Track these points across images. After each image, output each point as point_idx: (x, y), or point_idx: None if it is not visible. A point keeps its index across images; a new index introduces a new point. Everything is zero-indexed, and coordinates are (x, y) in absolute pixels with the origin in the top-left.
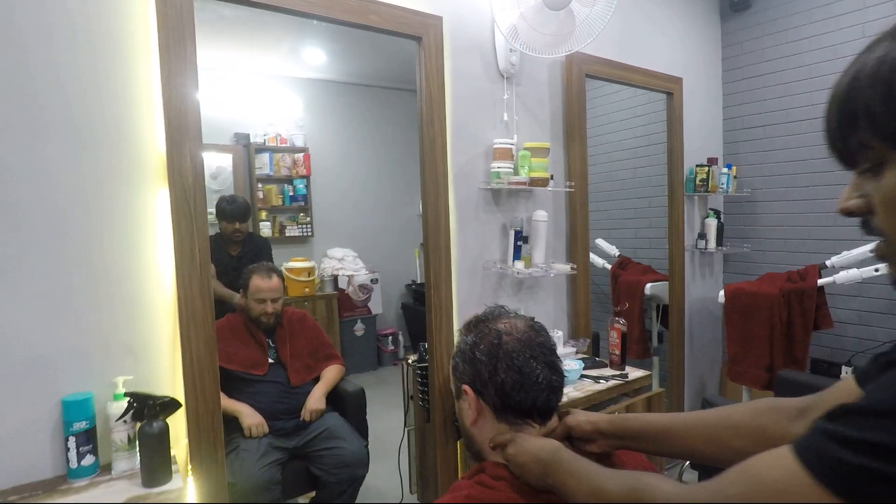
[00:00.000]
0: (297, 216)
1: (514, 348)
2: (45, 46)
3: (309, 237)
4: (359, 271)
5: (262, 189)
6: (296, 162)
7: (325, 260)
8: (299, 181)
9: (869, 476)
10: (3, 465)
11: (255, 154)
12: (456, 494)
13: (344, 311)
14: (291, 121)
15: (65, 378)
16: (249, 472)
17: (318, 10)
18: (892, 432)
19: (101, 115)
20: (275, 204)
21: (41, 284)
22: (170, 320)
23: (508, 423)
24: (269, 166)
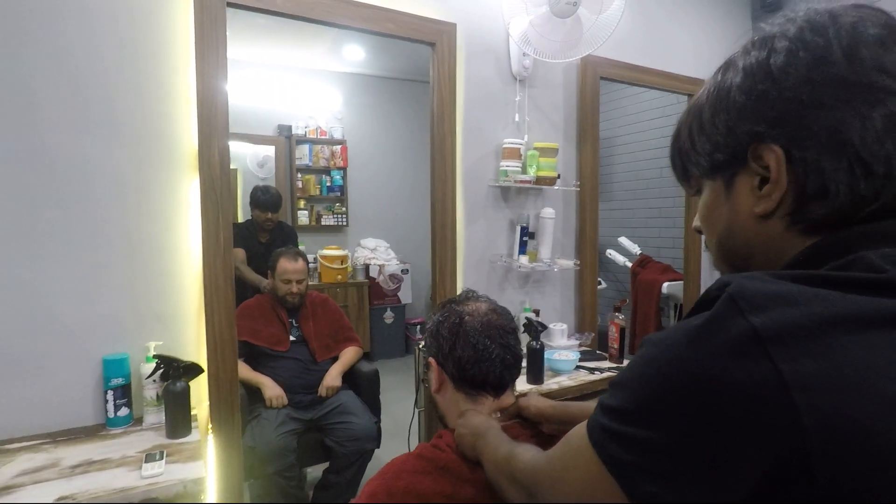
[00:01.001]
0: (334, 206)
1: (472, 328)
2: (92, 52)
3: (344, 227)
4: (390, 261)
5: (301, 179)
6: (334, 154)
7: (358, 249)
8: (336, 172)
9: (607, 433)
10: (54, 411)
11: (296, 145)
12: (413, 452)
13: (374, 299)
14: (331, 114)
15: (105, 340)
16: (267, 439)
17: (338, 19)
18: (617, 397)
19: (142, 111)
20: (312, 194)
21: (87, 260)
22: (196, 294)
23: (465, 393)
24: (309, 157)
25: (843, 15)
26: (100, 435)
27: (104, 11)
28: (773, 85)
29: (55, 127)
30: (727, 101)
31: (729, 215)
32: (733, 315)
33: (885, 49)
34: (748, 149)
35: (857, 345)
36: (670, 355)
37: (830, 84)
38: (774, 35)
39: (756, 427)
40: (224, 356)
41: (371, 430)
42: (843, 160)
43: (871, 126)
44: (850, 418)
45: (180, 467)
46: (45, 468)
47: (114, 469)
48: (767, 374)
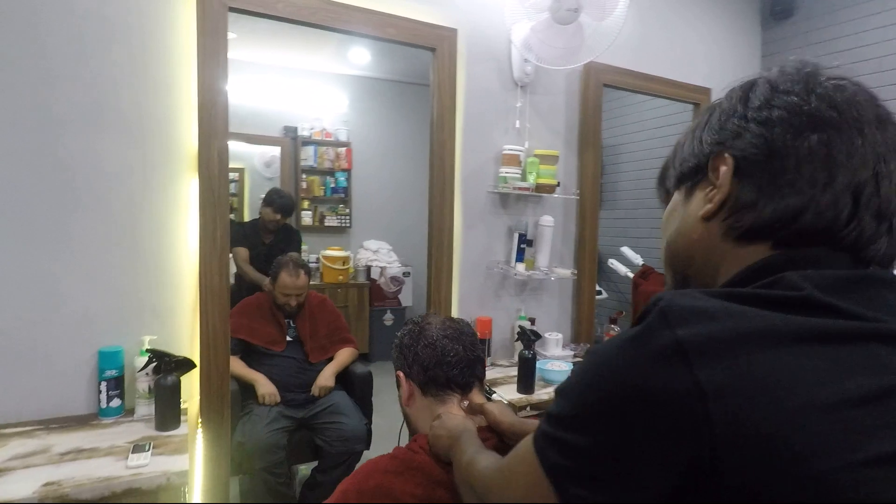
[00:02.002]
0: (337, 207)
1: (431, 332)
2: (104, 57)
3: (347, 228)
4: (392, 264)
5: (305, 180)
6: (338, 155)
7: (360, 251)
8: (341, 174)
9: (548, 439)
10: (48, 399)
11: (302, 146)
12: (388, 454)
13: (375, 301)
14: (336, 116)
15: (102, 332)
16: (258, 435)
17: (339, 24)
18: (558, 405)
19: (147, 113)
20: (317, 194)
21: (88, 254)
22: (192, 291)
23: (433, 397)
24: (314, 158)
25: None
26: (91, 424)
27: (117, 17)
28: (741, 106)
29: (63, 128)
30: (707, 124)
31: (681, 219)
32: (662, 327)
33: (838, 90)
34: (706, 159)
35: (767, 358)
36: (604, 364)
37: (783, 108)
38: (756, 82)
39: (674, 431)
40: (216, 353)
41: (361, 432)
42: (775, 179)
43: (804, 147)
44: (756, 426)
45: (166, 459)
46: (35, 454)
47: (101, 458)
48: (686, 382)
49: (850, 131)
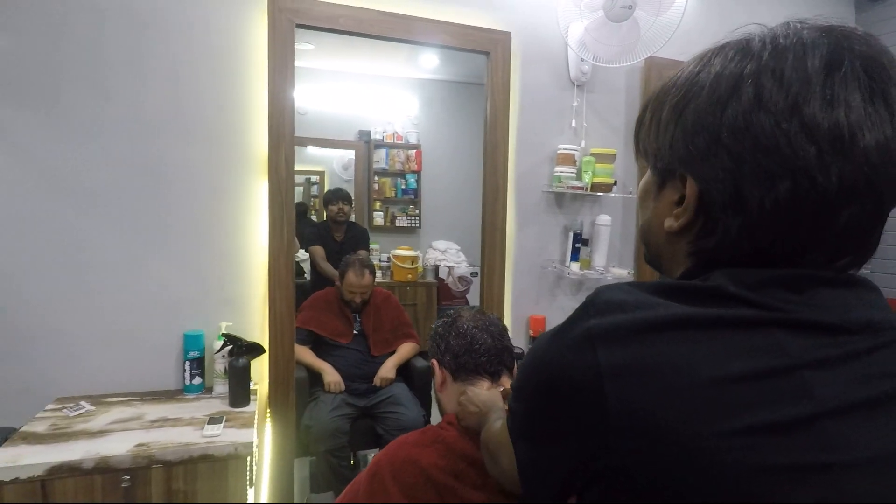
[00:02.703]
0: (407, 208)
1: (462, 323)
2: (190, 72)
3: (416, 228)
4: (460, 264)
5: (377, 181)
6: (409, 157)
7: (429, 250)
8: (411, 175)
9: (509, 408)
10: (142, 374)
11: (374, 150)
12: (419, 430)
13: (443, 300)
14: (407, 119)
15: (187, 317)
16: (323, 420)
17: (395, 34)
18: (515, 379)
19: (223, 122)
20: (388, 196)
21: (175, 250)
22: (262, 284)
23: (462, 381)
24: (385, 161)
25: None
26: (177, 398)
27: (194, 35)
28: (719, 116)
29: (157, 139)
30: (682, 115)
31: (653, 212)
32: (582, 318)
33: (831, 114)
34: (675, 171)
35: (662, 342)
36: (537, 350)
37: (757, 136)
38: (752, 52)
39: (577, 404)
40: (283, 340)
41: (418, 422)
42: (736, 218)
43: (772, 198)
44: (642, 401)
45: (236, 432)
46: (131, 420)
47: (183, 427)
48: (590, 364)
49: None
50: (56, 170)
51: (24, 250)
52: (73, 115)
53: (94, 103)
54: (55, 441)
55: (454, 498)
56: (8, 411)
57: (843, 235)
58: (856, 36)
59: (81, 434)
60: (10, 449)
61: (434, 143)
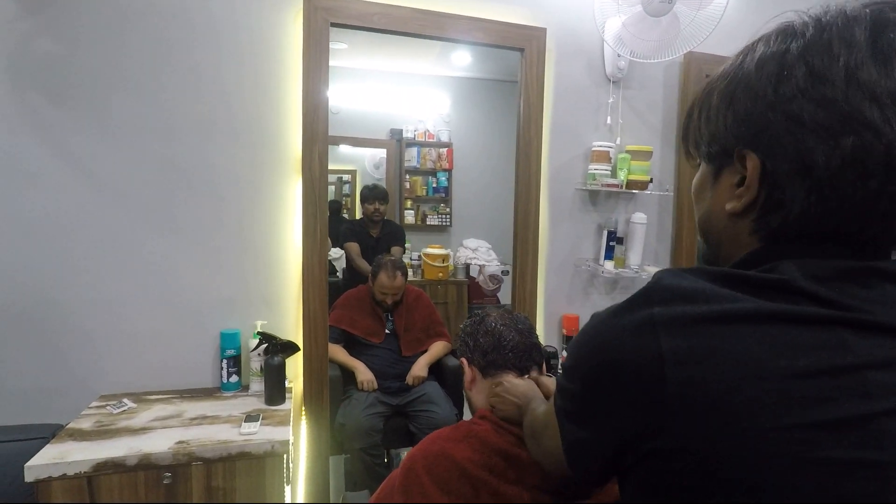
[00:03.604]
0: (438, 206)
1: (490, 322)
2: (218, 71)
3: (447, 226)
4: (491, 262)
5: (408, 180)
6: (440, 156)
7: (460, 249)
8: (442, 174)
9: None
10: (182, 373)
11: (406, 148)
12: (451, 425)
13: (474, 298)
14: (439, 117)
15: (222, 317)
16: (356, 418)
17: (429, 31)
18: (567, 358)
19: (257, 120)
20: (419, 194)
21: (209, 248)
22: (296, 282)
23: (492, 378)
24: (417, 159)
25: (867, 21)
26: (215, 396)
27: (229, 36)
28: (773, 92)
29: (188, 137)
30: (733, 99)
31: (711, 202)
32: (643, 304)
33: (889, 69)
34: (735, 150)
35: (726, 334)
36: (594, 330)
37: (818, 104)
38: (794, 36)
39: (635, 387)
40: (316, 338)
41: (451, 420)
42: (804, 182)
43: (837, 155)
44: (704, 388)
45: (272, 430)
46: (171, 417)
47: (221, 424)
48: (651, 351)
49: (881, 125)
50: (96, 171)
51: (69, 250)
52: (113, 117)
53: (132, 104)
54: (100, 438)
55: (488, 492)
56: (55, 408)
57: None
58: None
59: (124, 431)
60: (57, 445)
61: (465, 141)
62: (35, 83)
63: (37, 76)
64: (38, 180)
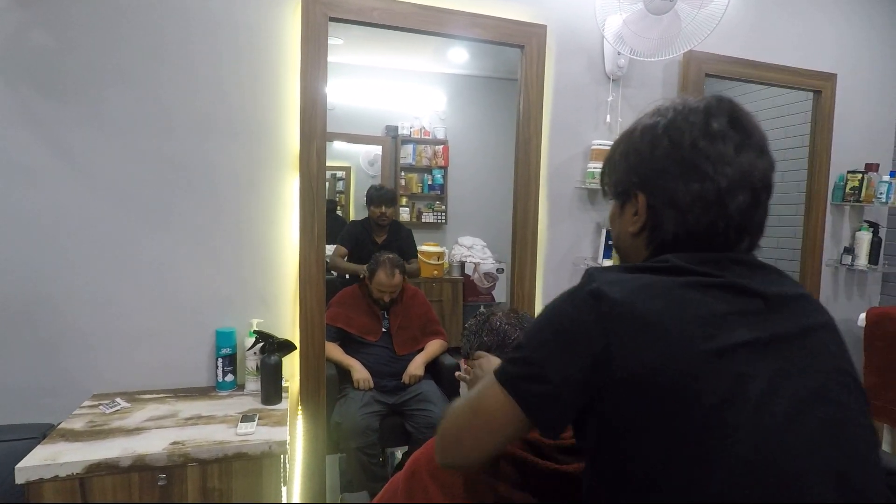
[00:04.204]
0: (434, 204)
1: (495, 321)
2: (215, 66)
3: (442, 224)
4: (486, 260)
5: (404, 177)
6: (436, 153)
7: (455, 246)
8: (438, 171)
9: (506, 364)
10: (176, 372)
11: (401, 145)
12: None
13: (468, 296)
14: (435, 114)
15: (218, 315)
16: (353, 417)
17: (429, 27)
18: (519, 347)
19: (254, 116)
20: (414, 191)
21: (205, 246)
22: (293, 280)
23: None
24: (412, 156)
25: (702, 109)
26: (210, 395)
27: (227, 30)
28: (650, 153)
29: (184, 132)
30: (627, 155)
31: (619, 226)
32: (587, 283)
33: (715, 141)
34: (631, 191)
35: (643, 293)
36: (554, 307)
37: (677, 162)
38: (662, 114)
39: (590, 338)
40: (313, 336)
41: None
42: (672, 212)
43: (689, 194)
44: (634, 322)
45: (269, 430)
46: (166, 417)
47: (217, 424)
48: (597, 310)
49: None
50: (91, 167)
51: (61, 247)
52: (108, 112)
53: (128, 99)
54: (93, 438)
55: (494, 496)
56: (45, 407)
57: (737, 218)
58: (718, 97)
59: (118, 431)
60: (49, 446)
61: (461, 138)
62: (28, 77)
63: (30, 69)
64: (32, 176)
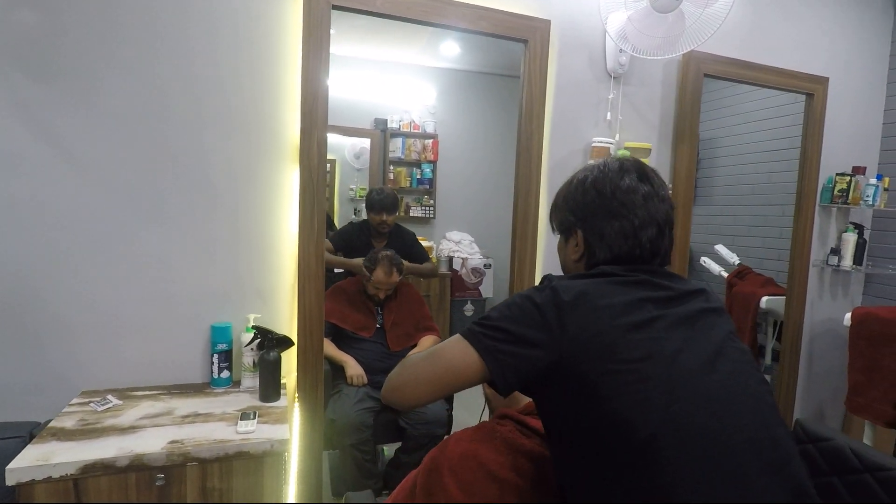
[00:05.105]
0: (422, 198)
1: None
2: (212, 54)
3: (431, 219)
4: (473, 255)
5: (392, 171)
6: (425, 147)
7: (443, 241)
8: (427, 165)
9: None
10: (169, 368)
11: (391, 138)
12: (471, 427)
13: (456, 291)
14: (424, 108)
15: (213, 310)
16: (346, 413)
17: (433, 18)
18: (485, 314)
19: (253, 106)
20: (403, 185)
21: (200, 238)
22: (291, 274)
23: None
24: (402, 150)
25: (617, 169)
26: (205, 392)
27: (226, 17)
28: (582, 200)
29: (180, 120)
30: (567, 201)
31: (564, 256)
32: (547, 283)
33: (628, 193)
34: (572, 227)
35: (587, 289)
36: (522, 296)
37: (600, 206)
38: (589, 171)
39: (548, 321)
40: (312, 332)
41: (441, 416)
42: (601, 242)
43: (612, 230)
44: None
45: (269, 428)
46: (161, 415)
47: (215, 423)
48: (557, 301)
49: (630, 216)
50: (82, 154)
51: (51, 237)
52: (101, 98)
53: (122, 85)
54: (86, 437)
55: (515, 494)
56: (30, 405)
57: (648, 245)
58: (631, 160)
59: (112, 430)
60: (40, 446)
61: (451, 132)
62: (15, 59)
63: (17, 51)
64: (19, 163)
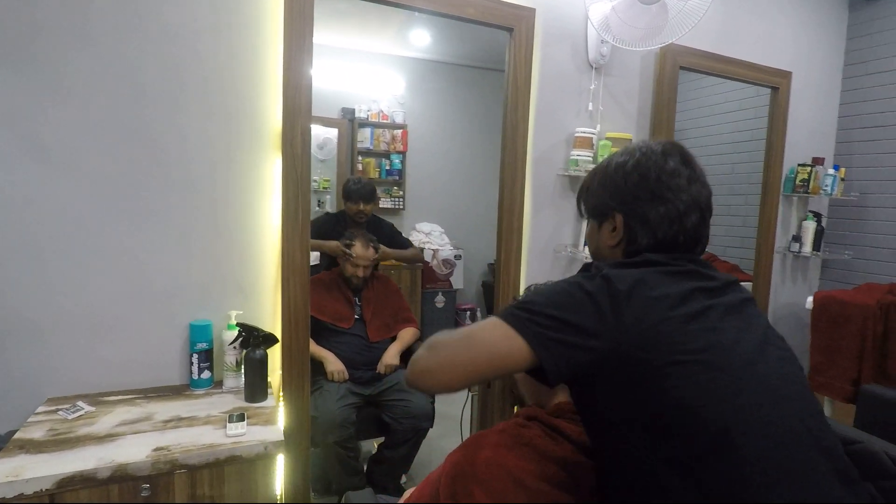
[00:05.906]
0: (392, 189)
1: None
2: (192, 37)
3: (400, 210)
4: (444, 246)
5: (361, 162)
6: (394, 138)
7: (413, 233)
8: (396, 156)
9: (513, 307)
10: (144, 370)
11: (358, 128)
12: (494, 428)
13: (427, 283)
14: (393, 98)
15: (192, 307)
16: (329, 410)
17: (419, 3)
18: (528, 296)
19: (234, 93)
20: (372, 176)
21: (177, 231)
22: (274, 268)
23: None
24: (370, 140)
25: (660, 152)
26: (185, 394)
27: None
28: (623, 184)
29: (155, 106)
30: (604, 185)
31: (597, 243)
32: (599, 272)
33: (673, 176)
34: (609, 212)
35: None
36: (570, 282)
37: (645, 190)
38: (630, 154)
39: (601, 305)
40: (297, 328)
41: (426, 409)
42: (645, 227)
43: (657, 214)
44: (635, 301)
45: (260, 429)
46: (140, 420)
47: (201, 426)
48: (612, 291)
49: (675, 201)
50: (47, 139)
51: (13, 229)
52: (69, 79)
53: (92, 65)
54: (59, 449)
55: (546, 502)
56: None
57: (692, 232)
58: (671, 142)
59: (87, 439)
60: (8, 460)
61: (420, 123)
62: None
63: None
64: None
